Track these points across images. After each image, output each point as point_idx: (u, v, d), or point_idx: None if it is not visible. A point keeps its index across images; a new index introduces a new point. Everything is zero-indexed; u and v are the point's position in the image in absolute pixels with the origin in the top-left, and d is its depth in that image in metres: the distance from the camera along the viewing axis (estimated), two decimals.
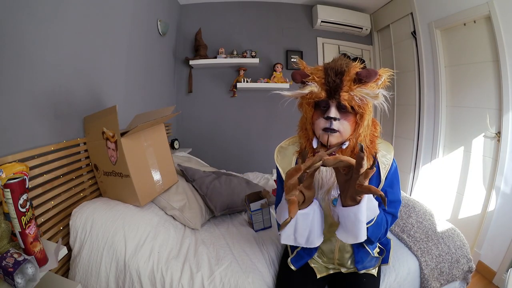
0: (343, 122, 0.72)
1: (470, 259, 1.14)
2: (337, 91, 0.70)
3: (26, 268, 0.68)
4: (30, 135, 0.98)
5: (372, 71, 0.69)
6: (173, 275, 0.99)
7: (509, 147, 1.59)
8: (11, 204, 0.69)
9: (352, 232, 0.67)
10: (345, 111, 0.72)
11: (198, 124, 2.94)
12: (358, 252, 0.89)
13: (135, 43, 1.84)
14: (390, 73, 0.73)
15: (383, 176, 0.78)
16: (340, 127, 0.72)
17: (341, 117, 0.72)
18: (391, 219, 0.81)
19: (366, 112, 0.72)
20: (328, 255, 0.94)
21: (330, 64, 0.73)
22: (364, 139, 0.75)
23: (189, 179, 1.54)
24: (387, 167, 0.79)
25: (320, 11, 2.74)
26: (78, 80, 1.25)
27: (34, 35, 0.98)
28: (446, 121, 2.13)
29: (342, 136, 0.73)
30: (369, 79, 0.69)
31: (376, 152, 0.77)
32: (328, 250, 0.93)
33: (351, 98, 0.69)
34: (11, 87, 0.89)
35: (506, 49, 1.57)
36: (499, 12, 1.59)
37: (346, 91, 0.70)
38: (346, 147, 0.75)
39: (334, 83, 0.70)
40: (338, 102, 0.71)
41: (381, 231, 0.78)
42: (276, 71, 2.80)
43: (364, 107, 0.71)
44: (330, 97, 0.71)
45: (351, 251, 0.91)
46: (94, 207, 1.12)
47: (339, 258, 0.92)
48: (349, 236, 0.69)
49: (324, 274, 0.96)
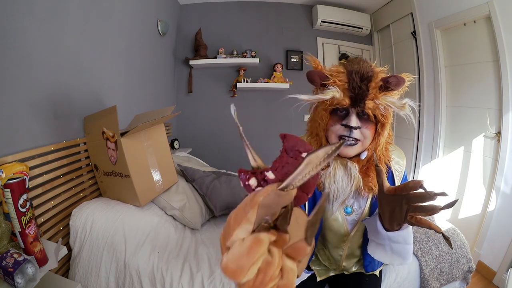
0: (364, 130, 0.66)
1: (470, 259, 1.14)
2: (362, 98, 0.63)
3: (26, 268, 0.68)
4: (30, 135, 0.98)
5: (401, 78, 0.63)
6: (173, 275, 0.99)
7: (509, 147, 1.59)
8: (11, 204, 0.69)
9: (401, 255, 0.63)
10: (366, 118, 0.66)
11: (198, 124, 2.94)
12: (368, 256, 0.80)
13: (135, 43, 1.84)
14: (411, 78, 0.66)
15: (397, 183, 0.74)
16: (361, 136, 0.66)
17: (362, 125, 0.65)
18: None
19: (388, 121, 0.66)
20: (335, 260, 0.88)
21: (354, 67, 0.65)
22: (382, 149, 0.70)
23: (189, 179, 1.54)
24: (400, 174, 0.75)
25: (320, 11, 2.74)
26: (78, 80, 1.25)
27: (34, 35, 0.98)
28: (446, 121, 2.13)
29: (362, 145, 0.67)
30: (398, 87, 0.63)
31: (390, 160, 0.73)
32: (337, 255, 0.86)
33: (375, 107, 0.63)
34: (11, 87, 0.89)
35: (506, 49, 1.57)
36: (499, 12, 1.59)
37: (372, 99, 0.62)
38: (364, 158, 0.69)
39: (360, 89, 0.62)
40: (361, 109, 0.64)
41: None
42: (276, 71, 2.80)
43: (387, 116, 0.65)
44: (354, 105, 0.64)
45: (359, 257, 0.87)
46: (94, 207, 1.12)
47: (345, 264, 0.88)
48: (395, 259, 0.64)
49: (324, 277, 0.93)
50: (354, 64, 0.66)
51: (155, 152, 1.29)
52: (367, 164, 0.70)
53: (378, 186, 0.58)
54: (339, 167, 0.69)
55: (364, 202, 0.76)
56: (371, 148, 0.68)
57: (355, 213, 0.77)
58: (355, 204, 0.76)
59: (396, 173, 0.75)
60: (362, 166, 0.70)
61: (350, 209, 0.76)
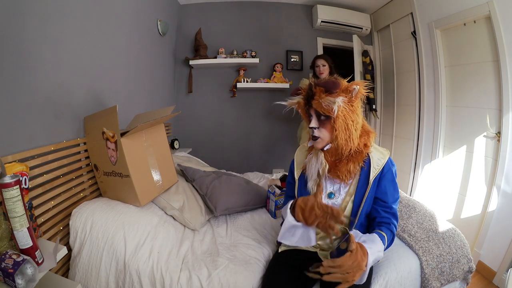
0: (321, 129, 0.89)
1: (470, 259, 1.13)
2: (311, 99, 0.88)
3: (25, 269, 0.68)
4: (30, 135, 0.98)
5: (334, 82, 0.86)
6: (172, 275, 0.99)
7: (509, 147, 1.59)
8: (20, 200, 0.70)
9: None
10: (323, 119, 0.88)
11: (198, 124, 2.94)
12: None
13: (135, 43, 1.84)
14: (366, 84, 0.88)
15: (371, 179, 0.90)
16: (320, 134, 0.89)
17: (320, 125, 0.89)
18: (396, 222, 0.92)
19: (339, 118, 0.85)
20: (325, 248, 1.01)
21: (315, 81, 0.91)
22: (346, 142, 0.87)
23: (189, 179, 1.54)
24: (376, 171, 0.91)
25: (320, 11, 2.74)
26: (78, 80, 1.25)
27: (34, 35, 0.98)
28: (446, 121, 2.13)
29: (323, 141, 0.90)
30: (334, 89, 0.85)
31: (367, 155, 0.91)
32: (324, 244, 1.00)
33: (319, 105, 0.86)
34: (11, 87, 0.89)
35: (506, 49, 1.57)
36: (499, 12, 1.59)
37: (316, 100, 0.86)
38: (329, 149, 0.91)
39: (310, 94, 0.89)
40: (316, 112, 0.88)
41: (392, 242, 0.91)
42: (276, 71, 2.80)
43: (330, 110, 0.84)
44: (307, 105, 0.90)
45: None
46: (94, 207, 1.12)
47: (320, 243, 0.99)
48: None
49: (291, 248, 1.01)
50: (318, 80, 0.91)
51: (155, 152, 1.29)
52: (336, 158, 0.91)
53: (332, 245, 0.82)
54: (314, 156, 0.94)
55: (344, 190, 0.94)
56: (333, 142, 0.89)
57: (336, 198, 0.95)
58: (337, 191, 0.95)
59: (373, 169, 0.91)
60: (333, 159, 0.91)
61: (333, 194, 0.95)
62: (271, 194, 1.42)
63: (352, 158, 0.89)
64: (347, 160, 0.89)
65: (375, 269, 1.01)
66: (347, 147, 0.87)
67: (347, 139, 0.86)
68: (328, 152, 0.91)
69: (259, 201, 1.51)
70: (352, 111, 0.86)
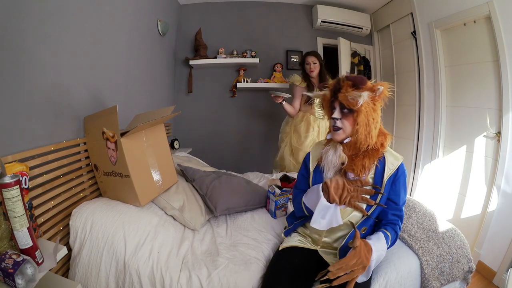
0: (344, 121, 0.93)
1: (470, 259, 1.13)
2: (338, 92, 0.92)
3: (25, 269, 0.68)
4: (30, 135, 0.98)
5: (358, 77, 0.92)
6: (172, 275, 0.99)
7: (509, 147, 1.59)
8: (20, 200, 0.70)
9: None
10: (346, 112, 0.92)
11: (198, 124, 2.94)
12: None
13: (135, 43, 1.84)
14: (390, 86, 0.92)
15: (385, 178, 0.94)
16: (342, 125, 0.93)
17: (343, 117, 0.93)
18: (401, 224, 0.98)
19: (362, 113, 0.89)
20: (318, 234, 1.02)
21: (344, 75, 0.96)
22: (365, 138, 0.91)
23: (189, 179, 1.54)
24: (390, 171, 0.95)
25: (320, 11, 2.74)
26: (78, 80, 1.25)
27: (34, 35, 0.98)
28: (446, 121, 2.13)
29: (344, 132, 0.94)
30: (361, 84, 0.90)
31: (383, 148, 0.95)
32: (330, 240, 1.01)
33: (344, 98, 0.90)
34: (11, 87, 0.89)
35: (506, 49, 1.57)
36: (499, 12, 1.59)
37: (343, 93, 0.91)
38: (348, 142, 0.94)
39: (337, 86, 0.93)
40: (340, 105, 0.92)
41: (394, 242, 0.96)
42: (276, 71, 2.80)
43: (354, 104, 0.88)
44: (333, 97, 0.94)
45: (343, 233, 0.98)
46: (94, 207, 1.12)
47: (327, 239, 1.00)
48: None
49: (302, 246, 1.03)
50: None
51: (155, 152, 1.29)
52: (353, 153, 0.94)
53: None
54: (331, 148, 0.97)
55: None
56: (353, 135, 0.92)
57: None
58: None
59: (387, 169, 0.95)
60: (351, 153, 0.94)
61: None
62: (271, 194, 1.42)
63: (368, 154, 0.93)
64: (363, 156, 0.93)
65: (375, 269, 1.01)
66: (365, 143, 0.91)
67: (367, 135, 0.91)
68: (346, 146, 0.95)
69: (259, 201, 1.50)
70: (374, 109, 0.90)
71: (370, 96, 0.89)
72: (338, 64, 2.73)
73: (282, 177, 1.72)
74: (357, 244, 0.80)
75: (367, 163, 0.92)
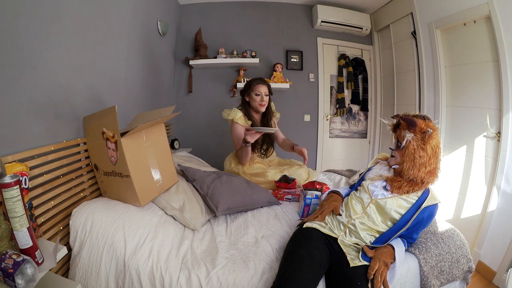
0: (396, 151, 1.15)
1: (470, 259, 1.14)
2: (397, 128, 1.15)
3: (25, 269, 0.68)
4: (30, 135, 0.98)
5: (412, 120, 1.07)
6: (172, 274, 0.99)
7: (509, 147, 1.59)
8: (20, 200, 0.70)
9: None
10: (399, 146, 1.12)
11: (198, 124, 2.94)
12: None
13: (135, 43, 1.84)
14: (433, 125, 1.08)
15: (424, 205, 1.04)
16: (394, 154, 1.16)
17: (396, 148, 1.15)
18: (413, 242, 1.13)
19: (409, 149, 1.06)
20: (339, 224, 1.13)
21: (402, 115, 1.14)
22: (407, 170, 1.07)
23: (190, 179, 1.54)
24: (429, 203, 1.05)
25: (320, 11, 2.74)
26: (78, 80, 1.25)
27: (34, 35, 0.98)
28: (446, 121, 2.13)
29: (395, 160, 1.16)
30: (412, 126, 1.06)
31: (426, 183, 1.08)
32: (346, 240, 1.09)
33: (399, 134, 1.12)
34: (11, 87, 0.89)
35: (506, 49, 1.57)
36: (499, 12, 1.59)
37: (399, 130, 1.12)
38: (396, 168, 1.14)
39: (398, 123, 1.15)
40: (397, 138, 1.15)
41: None
42: (276, 71, 2.80)
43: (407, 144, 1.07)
44: (394, 131, 1.17)
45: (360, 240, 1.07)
46: (94, 207, 1.12)
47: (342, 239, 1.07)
48: None
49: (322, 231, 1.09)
50: None
51: (155, 152, 1.29)
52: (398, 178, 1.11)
53: None
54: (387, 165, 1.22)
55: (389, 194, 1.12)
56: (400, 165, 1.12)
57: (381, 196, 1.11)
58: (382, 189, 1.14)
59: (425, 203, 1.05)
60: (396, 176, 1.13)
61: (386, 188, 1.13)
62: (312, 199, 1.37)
63: (410, 183, 1.08)
64: (406, 182, 1.08)
65: None
66: (407, 174, 1.07)
67: (409, 168, 1.06)
68: (395, 170, 1.17)
69: (259, 201, 1.50)
70: (422, 149, 1.04)
71: (421, 137, 1.04)
72: None
73: (281, 177, 1.72)
74: (370, 255, 0.97)
75: (405, 188, 1.07)
